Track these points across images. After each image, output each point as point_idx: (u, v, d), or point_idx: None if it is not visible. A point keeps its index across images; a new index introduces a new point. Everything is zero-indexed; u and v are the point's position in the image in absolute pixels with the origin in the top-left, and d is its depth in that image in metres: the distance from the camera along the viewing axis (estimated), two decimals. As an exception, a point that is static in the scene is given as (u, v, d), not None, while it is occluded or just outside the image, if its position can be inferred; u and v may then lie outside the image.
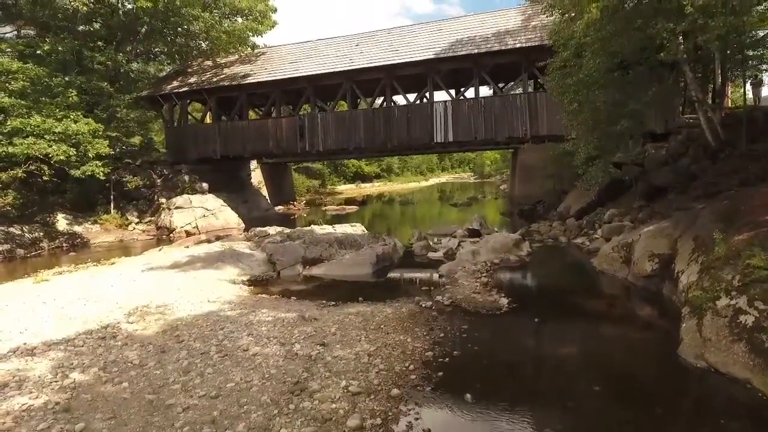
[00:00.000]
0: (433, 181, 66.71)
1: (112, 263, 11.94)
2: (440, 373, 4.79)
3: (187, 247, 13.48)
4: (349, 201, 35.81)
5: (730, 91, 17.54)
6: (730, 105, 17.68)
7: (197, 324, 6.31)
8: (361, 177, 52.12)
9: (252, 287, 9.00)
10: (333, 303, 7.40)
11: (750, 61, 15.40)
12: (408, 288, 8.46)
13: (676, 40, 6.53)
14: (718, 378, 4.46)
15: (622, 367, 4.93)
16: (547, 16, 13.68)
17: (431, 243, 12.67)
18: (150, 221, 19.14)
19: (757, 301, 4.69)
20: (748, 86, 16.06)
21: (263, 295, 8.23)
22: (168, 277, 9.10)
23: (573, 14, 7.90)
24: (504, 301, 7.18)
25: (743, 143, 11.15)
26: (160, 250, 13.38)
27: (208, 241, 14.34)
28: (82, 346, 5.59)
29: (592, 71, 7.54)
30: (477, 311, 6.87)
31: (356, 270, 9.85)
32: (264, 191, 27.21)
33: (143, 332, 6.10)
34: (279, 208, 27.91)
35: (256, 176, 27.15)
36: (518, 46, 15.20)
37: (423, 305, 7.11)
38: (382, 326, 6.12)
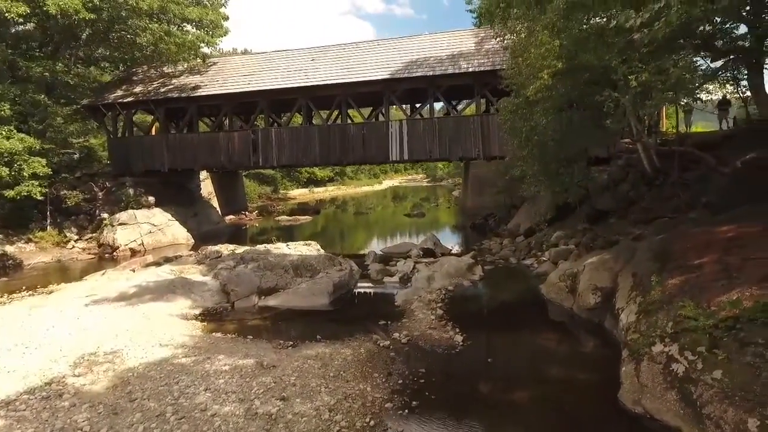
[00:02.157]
0: (387, 183, 67.16)
1: (51, 292, 11.29)
2: (400, 430, 4.93)
3: (134, 270, 12.91)
4: (302, 206, 35.43)
5: (665, 117, 18.81)
6: (665, 125, 19.01)
7: (150, 376, 6.11)
8: (314, 181, 51.58)
9: (205, 323, 8.79)
10: (291, 343, 7.37)
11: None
12: (365, 322, 8.50)
13: (621, 111, 7.02)
14: (653, 425, 4.84)
15: (569, 414, 5.25)
16: (497, 42, 14.28)
17: (387, 266, 12.82)
18: (91, 238, 18.08)
19: (687, 351, 5.10)
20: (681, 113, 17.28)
21: (218, 334, 8.06)
22: (115, 313, 8.72)
23: (523, 62, 8.30)
24: (458, 338, 7.42)
25: (675, 172, 12.08)
26: (103, 274, 12.72)
27: (157, 264, 13.77)
28: (25, 409, 5.29)
29: (542, 122, 7.95)
30: (433, 350, 7.08)
31: (313, 300, 9.81)
32: (214, 202, 26.46)
33: (92, 388, 5.84)
34: (230, 218, 27.24)
35: (206, 186, 26.33)
36: (471, 70, 15.64)
37: (381, 344, 7.23)
38: (341, 372, 6.18)
